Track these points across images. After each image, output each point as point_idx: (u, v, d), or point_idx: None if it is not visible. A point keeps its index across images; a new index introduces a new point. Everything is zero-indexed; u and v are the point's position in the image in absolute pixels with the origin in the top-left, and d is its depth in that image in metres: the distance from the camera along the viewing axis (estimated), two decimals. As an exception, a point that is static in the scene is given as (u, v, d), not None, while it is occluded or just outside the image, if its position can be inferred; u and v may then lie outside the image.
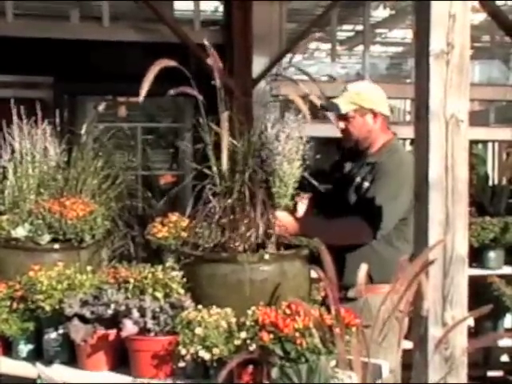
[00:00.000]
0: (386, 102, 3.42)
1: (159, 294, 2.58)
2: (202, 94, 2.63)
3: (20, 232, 3.09)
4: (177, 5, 6.95)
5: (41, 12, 6.76)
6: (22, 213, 3.21)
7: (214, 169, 2.67)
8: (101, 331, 2.55)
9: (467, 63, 2.21)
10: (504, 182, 7.09)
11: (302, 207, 3.41)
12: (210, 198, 2.67)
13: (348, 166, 3.44)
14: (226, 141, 2.51)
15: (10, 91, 6.01)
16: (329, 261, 2.12)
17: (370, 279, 3.08)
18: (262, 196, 2.65)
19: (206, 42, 2.66)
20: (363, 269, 2.16)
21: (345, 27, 8.44)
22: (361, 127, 3.33)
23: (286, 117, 2.85)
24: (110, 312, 2.55)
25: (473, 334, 4.20)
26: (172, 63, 2.56)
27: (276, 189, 2.84)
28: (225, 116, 2.54)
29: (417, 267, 2.02)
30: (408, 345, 2.30)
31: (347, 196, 3.30)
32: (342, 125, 3.36)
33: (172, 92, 2.57)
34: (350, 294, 3.10)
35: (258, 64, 6.22)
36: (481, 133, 6.86)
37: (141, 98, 2.52)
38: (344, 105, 3.32)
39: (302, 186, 3.27)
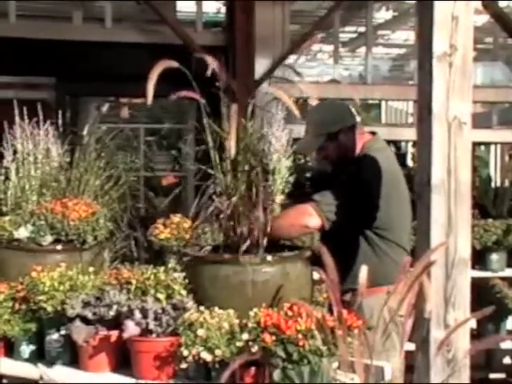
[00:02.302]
0: (350, 111, 3.37)
1: (161, 296, 2.58)
2: (204, 95, 2.63)
3: (22, 233, 3.08)
4: (179, 6, 6.93)
5: (43, 13, 6.76)
6: (24, 214, 3.21)
7: (217, 169, 2.67)
8: (103, 332, 2.55)
9: (470, 65, 2.21)
10: (507, 184, 7.08)
11: None
12: (213, 198, 2.67)
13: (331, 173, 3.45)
14: (234, 129, 2.50)
15: (12, 92, 6.01)
16: (330, 262, 2.13)
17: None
18: (264, 196, 2.65)
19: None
20: (364, 271, 2.16)
21: (347, 29, 8.44)
22: (338, 149, 3.30)
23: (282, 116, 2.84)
24: (112, 313, 2.55)
25: (475, 336, 4.20)
26: (174, 64, 2.56)
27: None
28: (234, 108, 2.54)
29: (419, 269, 2.02)
30: (410, 347, 2.30)
31: None
32: (320, 155, 3.39)
33: (176, 96, 2.57)
34: (347, 297, 3.09)
35: (261, 65, 6.21)
36: (483, 135, 6.84)
37: (149, 101, 2.52)
38: (313, 141, 3.31)
39: (302, 186, 3.27)
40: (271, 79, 5.84)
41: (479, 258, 4.98)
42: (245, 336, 2.32)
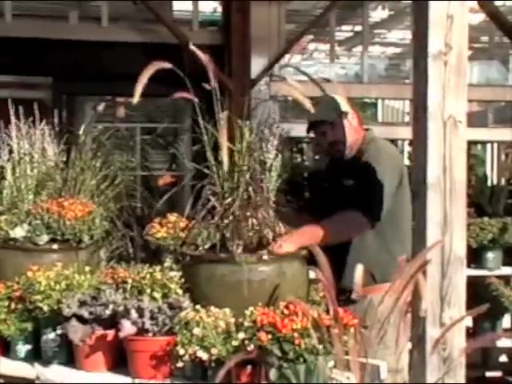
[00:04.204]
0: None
1: (157, 295, 2.58)
2: (200, 94, 2.63)
3: (18, 232, 3.08)
4: (175, 5, 6.93)
5: (39, 12, 6.75)
6: (20, 213, 3.21)
7: (214, 169, 2.67)
8: (99, 331, 2.55)
9: (465, 64, 2.22)
10: (503, 182, 7.09)
11: None
12: (210, 198, 2.67)
13: (327, 170, 3.52)
14: (225, 141, 2.51)
15: (8, 91, 6.00)
16: (324, 261, 2.13)
17: (374, 279, 3.11)
18: (262, 196, 2.65)
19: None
20: (359, 269, 2.17)
21: (343, 28, 8.44)
22: (347, 129, 3.41)
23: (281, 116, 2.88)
24: (108, 312, 2.55)
25: (471, 334, 4.21)
26: (166, 65, 2.56)
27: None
28: (224, 116, 2.55)
29: (414, 267, 2.02)
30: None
31: (334, 198, 3.31)
32: (330, 136, 3.45)
33: (173, 97, 2.58)
34: (354, 295, 3.10)
35: (257, 65, 6.22)
36: (479, 133, 6.86)
37: (135, 101, 2.53)
38: (327, 114, 3.41)
39: (299, 187, 3.29)
40: (271, 78, 5.86)
41: (475, 256, 4.99)
42: (241, 335, 2.32)
